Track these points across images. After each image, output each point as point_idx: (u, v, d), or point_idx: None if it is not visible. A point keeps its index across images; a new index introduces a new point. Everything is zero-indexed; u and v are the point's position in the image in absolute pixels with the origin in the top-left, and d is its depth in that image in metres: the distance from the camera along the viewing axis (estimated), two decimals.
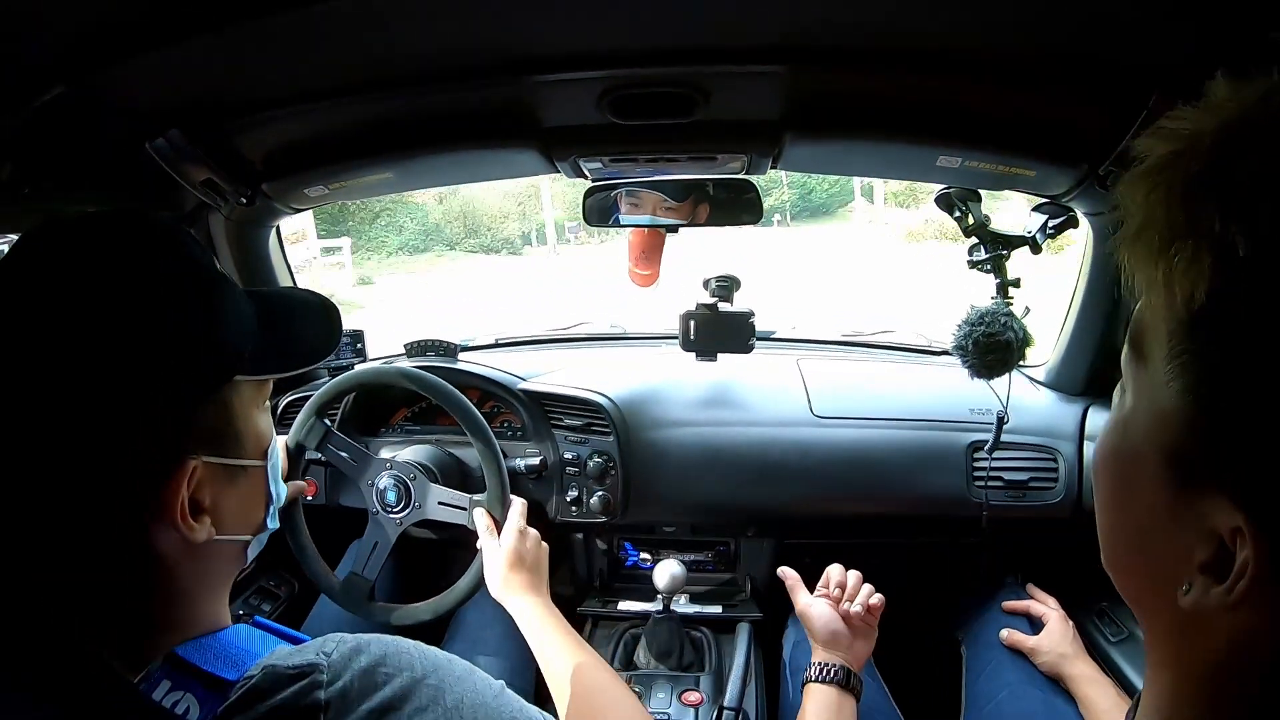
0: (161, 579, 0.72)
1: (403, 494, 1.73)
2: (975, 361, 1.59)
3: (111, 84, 1.13)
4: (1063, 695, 1.54)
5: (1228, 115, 0.43)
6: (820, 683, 1.39)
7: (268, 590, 2.16)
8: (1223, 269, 0.42)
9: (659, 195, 1.74)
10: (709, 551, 2.08)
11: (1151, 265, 0.46)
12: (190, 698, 0.67)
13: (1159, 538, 0.50)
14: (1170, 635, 0.52)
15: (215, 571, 0.80)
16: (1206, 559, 0.45)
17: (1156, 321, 0.48)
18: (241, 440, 0.78)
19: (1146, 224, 0.46)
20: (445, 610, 1.70)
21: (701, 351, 2.06)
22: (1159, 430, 0.48)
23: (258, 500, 0.84)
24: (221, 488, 0.76)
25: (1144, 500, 0.51)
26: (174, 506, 0.69)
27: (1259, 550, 0.42)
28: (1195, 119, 0.45)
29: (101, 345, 0.64)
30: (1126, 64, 1.10)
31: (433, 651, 0.77)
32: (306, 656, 0.69)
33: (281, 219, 1.97)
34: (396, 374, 1.80)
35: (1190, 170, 0.43)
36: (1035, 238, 1.62)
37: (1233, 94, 0.44)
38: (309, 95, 1.32)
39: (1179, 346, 0.46)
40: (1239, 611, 0.44)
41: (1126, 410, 0.54)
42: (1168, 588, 0.49)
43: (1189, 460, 0.46)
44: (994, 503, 1.81)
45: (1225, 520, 0.44)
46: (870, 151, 1.53)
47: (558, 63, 1.21)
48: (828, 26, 1.10)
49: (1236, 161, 0.42)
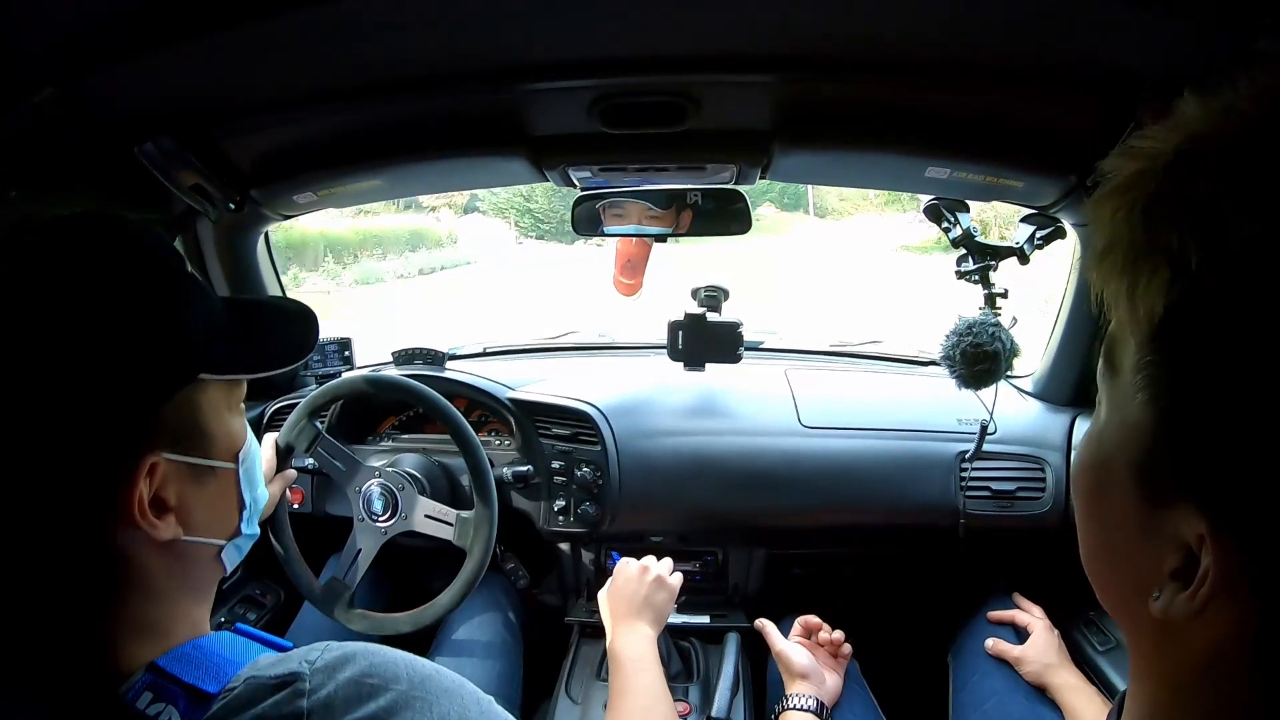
0: (131, 578, 0.72)
1: (390, 503, 1.73)
2: (963, 372, 1.59)
3: (101, 88, 1.13)
4: (1048, 705, 1.55)
5: (1188, 132, 0.44)
6: (798, 710, 1.46)
7: (253, 599, 2.15)
8: (1179, 283, 0.43)
9: (643, 204, 1.74)
10: (697, 561, 2.07)
11: (1118, 281, 0.47)
12: (172, 710, 0.66)
13: (1131, 548, 0.51)
14: (1147, 645, 0.53)
15: (190, 575, 0.79)
16: (1175, 567, 0.46)
17: (1125, 336, 0.49)
18: (210, 440, 0.78)
19: (1112, 242, 0.48)
20: (425, 624, 1.70)
21: (690, 361, 2.06)
22: (1127, 442, 0.49)
23: (229, 504, 0.83)
24: (187, 487, 0.75)
25: (1116, 511, 0.52)
26: (131, 502, 0.68)
27: (1220, 556, 0.43)
28: (1161, 137, 0.46)
29: (56, 338, 0.64)
30: (1114, 75, 1.11)
31: (420, 663, 0.76)
32: (289, 665, 0.69)
33: (270, 225, 1.96)
34: (384, 382, 1.80)
35: (1150, 188, 0.45)
36: (1023, 248, 1.63)
37: (1199, 111, 0.45)
38: (298, 101, 1.32)
39: (1144, 359, 0.47)
40: (1208, 619, 0.45)
41: (1100, 423, 0.55)
42: (1142, 597, 0.49)
43: (1156, 471, 0.47)
44: (981, 513, 1.81)
45: (1191, 528, 0.44)
46: (859, 162, 1.53)
47: (548, 71, 1.21)
48: (818, 36, 1.10)
49: (1193, 179, 0.43)
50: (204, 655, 0.72)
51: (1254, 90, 0.43)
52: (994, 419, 1.77)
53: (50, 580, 0.68)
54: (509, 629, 1.94)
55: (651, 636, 1.44)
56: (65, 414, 0.65)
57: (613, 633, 1.44)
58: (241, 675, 0.68)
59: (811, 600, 1.92)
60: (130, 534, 0.70)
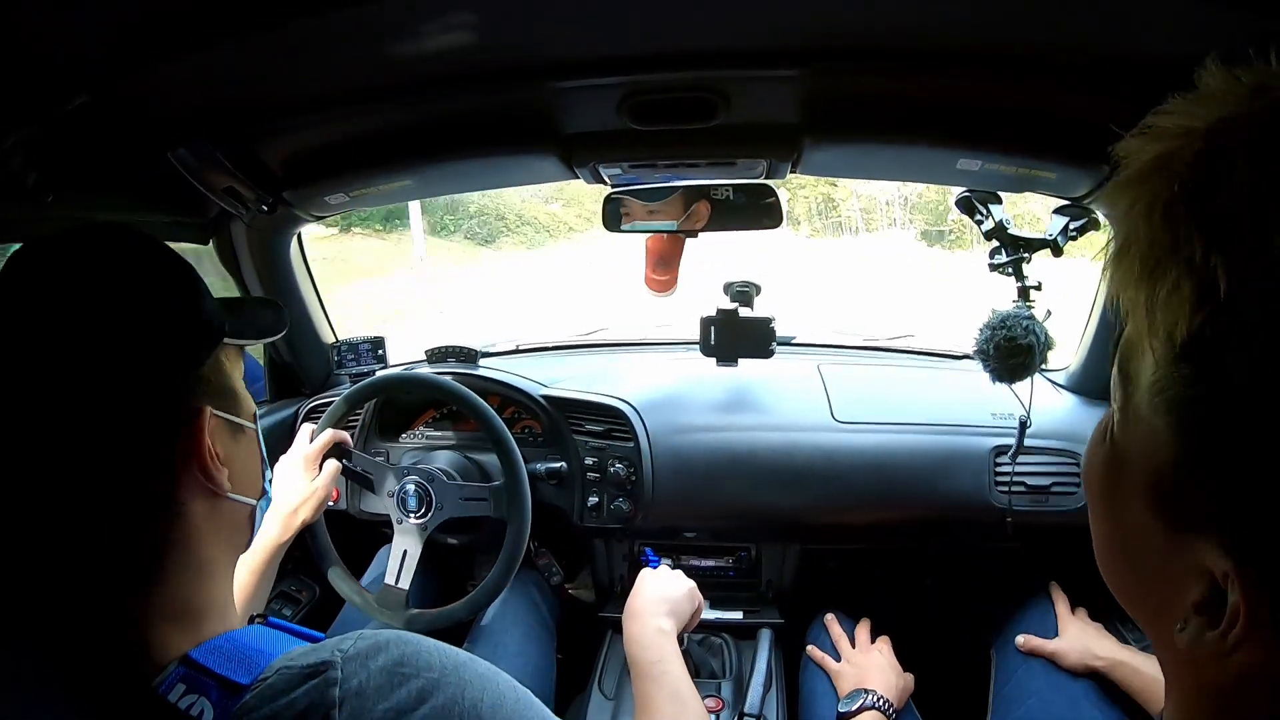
0: (185, 539, 0.76)
1: (424, 499, 1.74)
2: (997, 365, 1.57)
3: (135, 92, 1.14)
4: (1093, 700, 1.53)
5: (1220, 111, 0.40)
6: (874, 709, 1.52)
7: (289, 595, 2.17)
8: (1205, 304, 0.38)
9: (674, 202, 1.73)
10: (730, 557, 2.07)
11: (1134, 289, 0.43)
12: (205, 701, 0.67)
13: (1151, 564, 0.49)
14: (1173, 663, 0.51)
15: (227, 540, 0.84)
16: (1199, 599, 0.43)
17: (1143, 346, 0.44)
18: (239, 400, 0.86)
19: (1128, 241, 0.43)
20: (482, 606, 1.72)
21: (722, 356, 2.06)
22: (1147, 460, 0.46)
23: (255, 462, 0.90)
24: (229, 443, 0.83)
25: (1134, 521, 0.49)
26: (203, 450, 0.76)
27: (1249, 597, 0.40)
28: (1186, 113, 0.41)
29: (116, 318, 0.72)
30: (1148, 63, 1.09)
31: (453, 651, 0.77)
32: (321, 654, 0.70)
33: (302, 226, 1.98)
34: (417, 380, 1.81)
35: (1172, 185, 0.40)
36: (1056, 240, 1.61)
37: (1226, 86, 0.41)
38: (330, 103, 1.33)
39: (1165, 379, 0.43)
40: (1237, 652, 0.42)
41: (1115, 425, 0.51)
42: (1165, 619, 0.47)
43: (1177, 497, 0.44)
44: (1017, 507, 1.79)
45: (1215, 563, 0.42)
46: (889, 155, 1.52)
47: (578, 68, 1.21)
48: (847, 28, 1.09)
49: (1221, 177, 0.38)
50: (236, 647, 0.73)
51: None
52: (1030, 414, 1.75)
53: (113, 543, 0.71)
54: (542, 625, 1.95)
55: (668, 631, 1.36)
56: (133, 376, 0.72)
57: (627, 632, 1.37)
58: (274, 665, 0.69)
59: (845, 596, 1.92)
60: (190, 487, 0.76)
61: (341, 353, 2.21)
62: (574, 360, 2.42)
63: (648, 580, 1.47)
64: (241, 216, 1.65)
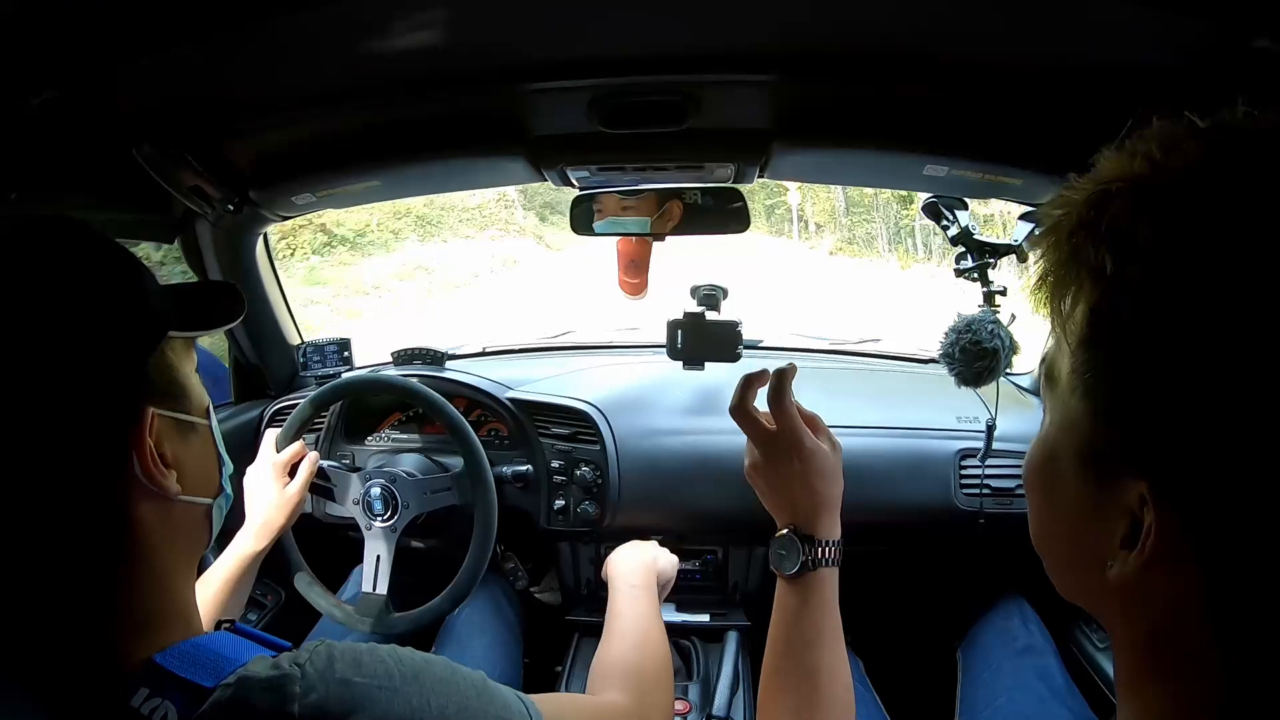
0: (135, 546, 0.73)
1: (389, 500, 1.73)
2: (962, 369, 1.59)
3: (101, 90, 1.13)
4: (1062, 700, 1.54)
5: (1104, 177, 0.51)
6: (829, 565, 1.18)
7: (254, 600, 2.15)
8: (1099, 285, 0.50)
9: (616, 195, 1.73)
10: (697, 560, 2.07)
11: (1048, 304, 0.55)
12: (169, 705, 0.66)
13: (1085, 526, 0.55)
14: (1114, 617, 0.56)
15: (184, 542, 0.81)
16: (1125, 534, 0.51)
17: (1062, 350, 0.55)
18: (188, 396, 0.82)
19: (1045, 271, 0.55)
20: (463, 596, 1.71)
21: (689, 360, 2.06)
22: (1070, 435, 0.56)
23: (210, 460, 0.86)
24: (177, 443, 0.78)
25: (1067, 496, 0.57)
26: (144, 454, 0.72)
27: (1161, 514, 0.48)
28: (1081, 185, 0.53)
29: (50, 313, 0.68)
30: (1113, 73, 1.11)
31: (410, 657, 0.78)
32: (281, 667, 0.69)
33: (269, 227, 1.96)
34: (383, 382, 1.80)
35: (1072, 221, 0.52)
36: (1021, 246, 1.63)
37: (1112, 161, 0.52)
38: (297, 103, 1.32)
39: (1076, 361, 0.53)
40: (1162, 584, 0.49)
41: (1045, 428, 0.62)
42: (1099, 570, 0.53)
43: (1097, 451, 0.53)
44: (982, 510, 1.81)
45: (1134, 493, 0.49)
46: (857, 160, 1.53)
47: (547, 71, 1.21)
48: (816, 35, 1.10)
49: (1104, 206, 0.50)
50: (202, 653, 0.72)
51: (1155, 139, 0.50)
52: (999, 417, 1.77)
53: (61, 559, 0.69)
54: (508, 629, 1.95)
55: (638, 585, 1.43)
56: (66, 378, 0.68)
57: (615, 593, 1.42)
58: (236, 674, 0.68)
59: None
60: (135, 494, 0.72)
61: (307, 354, 2.19)
62: (541, 363, 2.42)
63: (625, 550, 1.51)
64: (207, 216, 1.64)
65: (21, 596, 0.69)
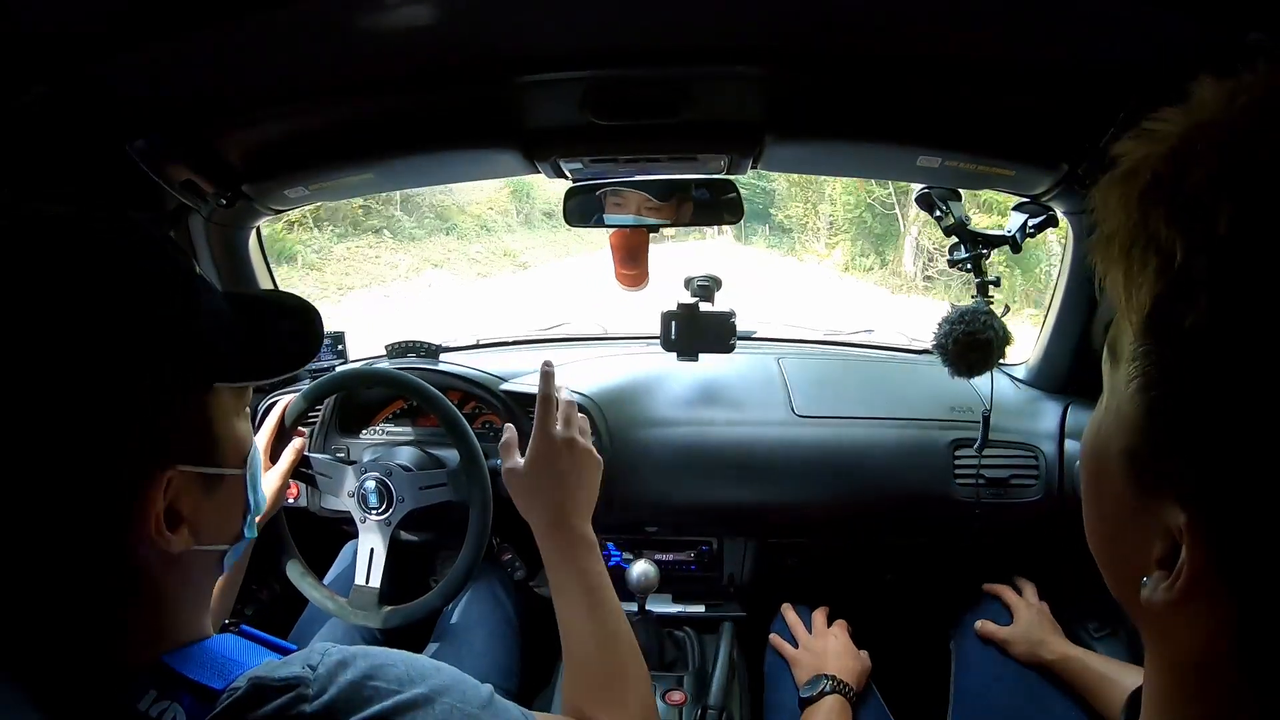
0: (142, 589, 0.71)
1: (384, 493, 1.73)
2: (956, 360, 1.59)
3: (93, 84, 1.12)
4: (1053, 690, 1.55)
5: (1196, 119, 0.44)
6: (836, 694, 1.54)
7: (249, 593, 2.15)
8: (1167, 272, 0.43)
9: (643, 195, 1.73)
10: (692, 551, 2.08)
11: (1116, 269, 0.48)
12: (177, 707, 0.66)
13: (1126, 534, 0.52)
14: (1150, 633, 0.54)
15: (194, 581, 0.79)
16: (1161, 555, 0.47)
17: (1125, 325, 0.49)
18: (221, 447, 0.76)
19: (1113, 229, 0.48)
20: (455, 592, 1.70)
21: (682, 351, 2.06)
22: (1121, 430, 0.50)
23: (236, 509, 0.82)
24: (199, 497, 0.74)
25: (1112, 496, 0.53)
26: (148, 518, 0.67)
27: (1196, 547, 0.44)
28: (1173, 120, 0.45)
29: (75, 352, 0.61)
30: (1105, 65, 1.11)
31: (419, 662, 0.77)
32: (292, 669, 0.69)
33: (262, 220, 1.96)
34: (377, 375, 1.80)
35: (1148, 176, 0.45)
36: (1015, 237, 1.63)
37: (1211, 95, 0.44)
38: (289, 96, 1.32)
39: (1138, 348, 0.47)
40: (1194, 617, 0.46)
41: (1101, 410, 0.55)
42: (1135, 584, 0.50)
43: (1145, 459, 0.48)
44: (976, 500, 1.81)
45: (1174, 519, 0.45)
46: (850, 152, 1.53)
47: (540, 63, 1.21)
48: (809, 27, 1.10)
49: (1188, 168, 0.42)
50: (209, 655, 0.72)
51: (1260, 78, 0.43)
52: (992, 408, 1.77)
53: (62, 591, 0.67)
54: (506, 622, 1.94)
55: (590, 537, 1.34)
56: (81, 431, 0.62)
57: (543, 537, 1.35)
58: (246, 676, 0.68)
59: (806, 589, 1.93)
60: (144, 547, 0.69)
61: None
62: (535, 355, 2.41)
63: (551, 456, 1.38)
64: (200, 210, 1.64)
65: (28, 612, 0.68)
